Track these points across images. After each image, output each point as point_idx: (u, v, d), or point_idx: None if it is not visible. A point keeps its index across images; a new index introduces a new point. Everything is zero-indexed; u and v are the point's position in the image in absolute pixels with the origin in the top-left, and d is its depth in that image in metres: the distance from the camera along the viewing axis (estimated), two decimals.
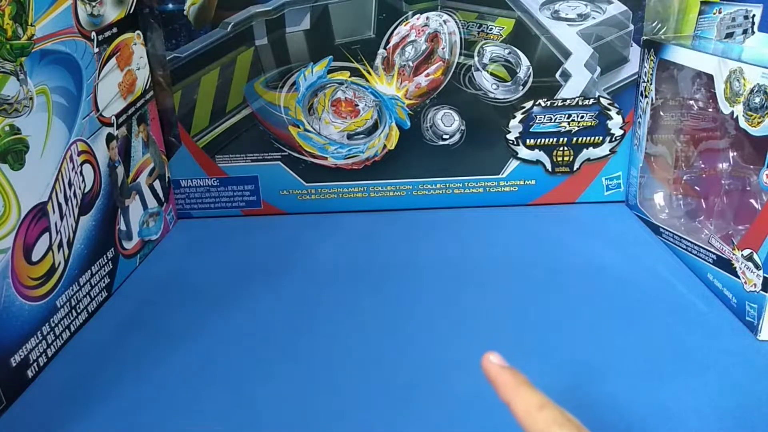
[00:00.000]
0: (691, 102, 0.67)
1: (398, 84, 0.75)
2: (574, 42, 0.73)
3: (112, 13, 0.64)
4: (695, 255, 0.62)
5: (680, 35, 0.72)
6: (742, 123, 0.53)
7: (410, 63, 0.74)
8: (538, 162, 0.78)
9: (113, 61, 0.64)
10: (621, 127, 0.76)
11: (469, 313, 0.57)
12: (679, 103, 0.69)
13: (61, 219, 0.55)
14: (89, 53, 0.59)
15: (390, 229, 0.75)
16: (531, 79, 0.74)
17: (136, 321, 0.59)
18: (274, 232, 0.76)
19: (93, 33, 0.60)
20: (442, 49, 0.74)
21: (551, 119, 0.76)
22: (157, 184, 0.74)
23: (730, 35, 0.65)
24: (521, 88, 0.75)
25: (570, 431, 0.28)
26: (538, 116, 0.76)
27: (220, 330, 0.56)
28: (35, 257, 0.51)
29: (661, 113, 0.70)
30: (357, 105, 0.76)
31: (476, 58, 0.74)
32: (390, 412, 0.46)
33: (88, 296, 0.59)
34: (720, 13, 0.66)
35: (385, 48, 0.74)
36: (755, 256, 0.52)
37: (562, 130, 0.76)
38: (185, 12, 0.72)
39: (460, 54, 0.74)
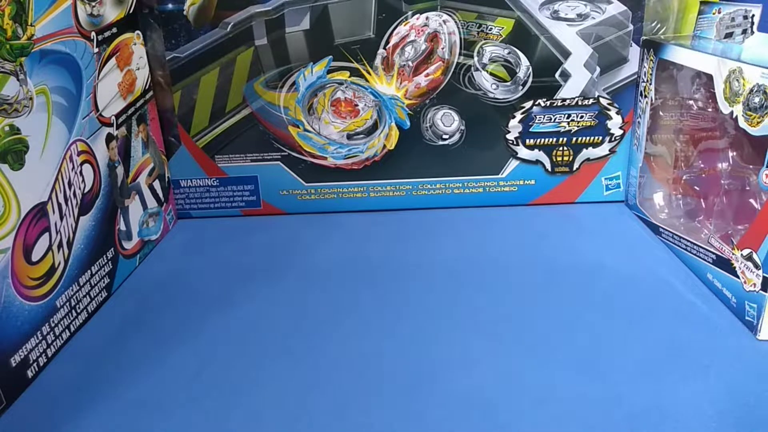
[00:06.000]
0: (691, 102, 0.67)
1: (398, 84, 0.75)
2: (574, 42, 0.73)
3: (111, 13, 0.64)
4: (695, 255, 0.62)
5: (680, 35, 0.72)
6: (742, 123, 0.53)
7: (410, 63, 0.74)
8: (537, 162, 0.78)
9: (113, 61, 0.64)
10: (620, 127, 0.76)
11: (469, 313, 0.57)
12: (679, 103, 0.69)
13: (61, 219, 0.55)
14: (89, 53, 0.59)
15: (390, 229, 0.75)
16: (530, 79, 0.74)
17: (136, 321, 0.59)
18: (274, 232, 0.76)
19: (93, 33, 0.60)
20: (442, 49, 0.74)
21: (551, 119, 0.76)
22: (156, 184, 0.74)
23: (729, 35, 0.65)
24: (521, 88, 0.75)
25: None
26: (537, 116, 0.76)
27: (220, 330, 0.56)
28: (35, 257, 0.51)
29: (661, 113, 0.70)
30: (357, 105, 0.76)
31: (476, 58, 0.74)
32: (390, 411, 0.46)
33: (87, 296, 0.59)
34: (719, 13, 0.66)
35: (384, 48, 0.74)
36: (755, 256, 0.52)
37: (562, 130, 0.76)
38: (185, 12, 0.72)
39: (460, 54, 0.74)
